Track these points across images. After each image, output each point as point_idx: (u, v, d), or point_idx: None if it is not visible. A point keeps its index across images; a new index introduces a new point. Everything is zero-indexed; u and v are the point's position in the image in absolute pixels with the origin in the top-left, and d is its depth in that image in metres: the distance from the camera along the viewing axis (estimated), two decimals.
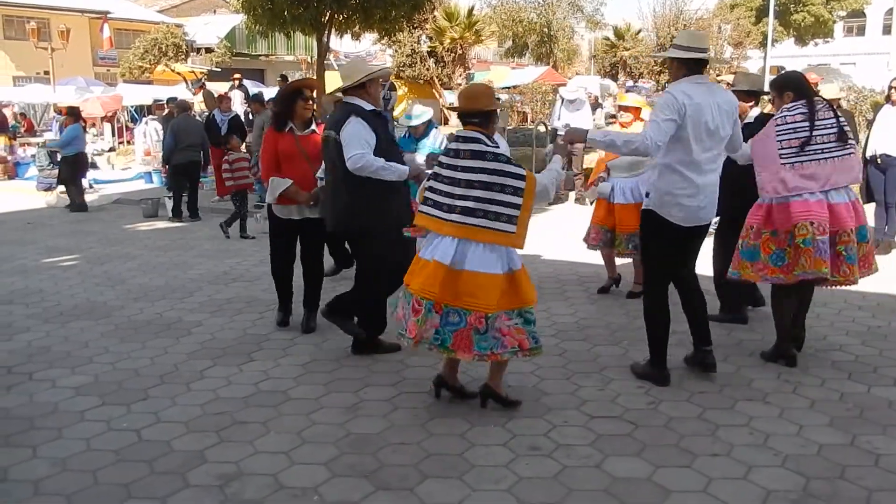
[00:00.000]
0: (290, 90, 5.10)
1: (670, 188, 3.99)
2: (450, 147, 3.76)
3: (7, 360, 4.68)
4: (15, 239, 8.98)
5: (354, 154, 4.20)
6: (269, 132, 5.04)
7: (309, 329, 5.14)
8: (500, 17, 30.36)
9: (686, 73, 4.01)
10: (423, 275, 3.62)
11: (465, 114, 3.76)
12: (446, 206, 3.62)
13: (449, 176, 3.65)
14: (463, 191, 3.58)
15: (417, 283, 3.63)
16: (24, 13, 29.65)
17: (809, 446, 3.43)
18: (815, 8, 35.15)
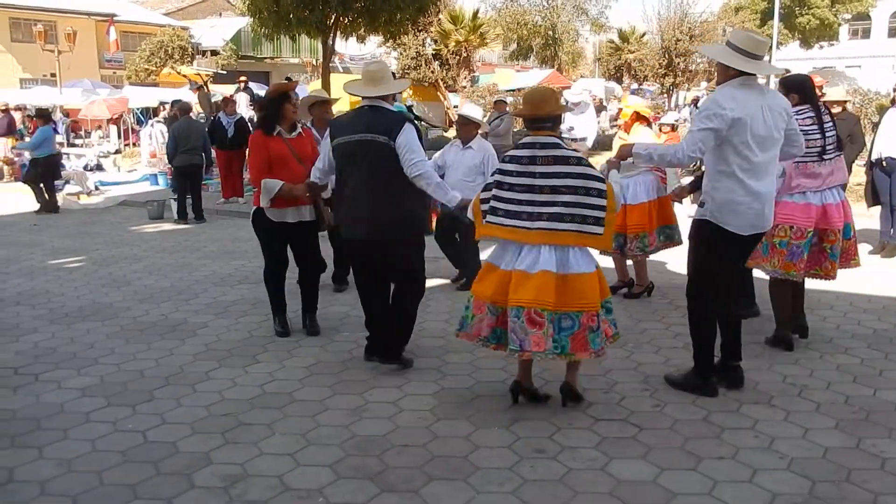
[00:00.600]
0: (277, 93, 5.01)
1: (726, 195, 3.81)
2: (518, 154, 3.67)
3: (13, 361, 4.70)
4: (21, 240, 9.02)
5: (420, 160, 4.15)
6: (257, 136, 4.91)
7: (314, 332, 5.13)
8: (504, 19, 30.37)
9: (736, 74, 3.79)
10: (530, 287, 3.56)
11: (538, 119, 3.70)
12: (527, 214, 3.60)
13: (524, 184, 3.61)
14: (548, 197, 3.57)
15: (528, 296, 3.56)
16: (31, 16, 29.80)
17: (815, 449, 3.43)
18: (819, 11, 35.10)
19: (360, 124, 4.24)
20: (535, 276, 3.57)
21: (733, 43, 3.81)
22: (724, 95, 3.76)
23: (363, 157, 4.20)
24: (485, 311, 3.74)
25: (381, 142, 4.16)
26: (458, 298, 6.09)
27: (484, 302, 3.74)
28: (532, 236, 3.60)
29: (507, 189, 3.67)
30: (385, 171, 4.17)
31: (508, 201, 3.66)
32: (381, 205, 4.21)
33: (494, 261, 3.78)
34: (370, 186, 4.21)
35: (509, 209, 3.65)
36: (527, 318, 3.55)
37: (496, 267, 3.75)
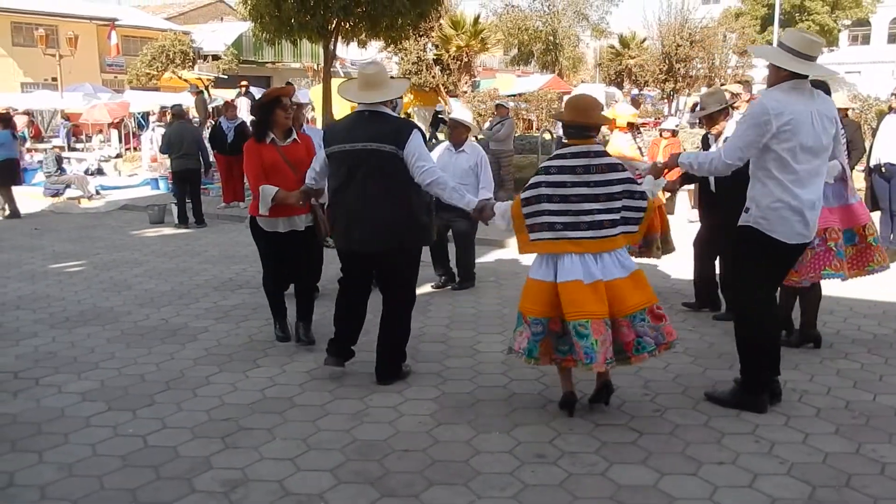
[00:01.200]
0: (268, 99, 4.87)
1: (771, 202, 3.69)
2: (569, 164, 3.60)
3: (14, 365, 4.71)
4: (22, 244, 9.03)
5: (431, 167, 4.07)
6: (250, 144, 4.80)
7: (310, 341, 5.00)
8: (505, 25, 30.45)
9: (787, 76, 3.66)
10: (634, 290, 3.59)
11: (588, 127, 3.67)
12: (587, 223, 3.58)
13: (580, 193, 3.57)
14: (604, 204, 3.59)
15: (640, 299, 3.59)
16: (32, 20, 29.89)
17: (815, 454, 3.43)
18: (819, 17, 35.23)
19: (361, 132, 4.09)
20: (631, 278, 3.64)
21: (785, 43, 3.70)
22: (770, 99, 3.63)
23: (367, 166, 4.06)
24: (605, 329, 3.56)
25: (386, 151, 4.03)
26: (459, 303, 6.10)
27: (602, 319, 3.56)
28: (593, 245, 3.60)
29: (560, 200, 3.59)
30: (391, 179, 4.06)
31: (565, 213, 3.59)
32: (387, 214, 4.09)
33: (543, 276, 3.68)
34: (375, 196, 4.07)
35: (568, 221, 3.59)
36: (651, 316, 3.63)
37: (543, 281, 3.66)
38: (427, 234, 4.38)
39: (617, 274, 3.63)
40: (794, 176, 3.67)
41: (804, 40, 3.67)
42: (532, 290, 3.72)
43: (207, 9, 41.13)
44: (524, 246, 3.75)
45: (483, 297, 6.35)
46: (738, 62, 26.78)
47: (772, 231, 3.73)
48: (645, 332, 3.63)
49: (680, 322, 5.37)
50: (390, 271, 4.29)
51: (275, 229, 4.87)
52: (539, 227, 3.65)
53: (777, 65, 3.68)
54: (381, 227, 4.10)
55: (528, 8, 31.40)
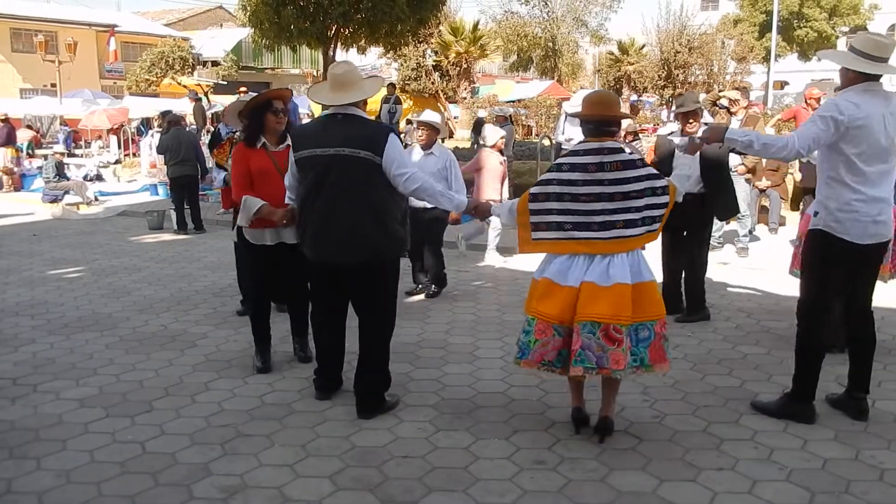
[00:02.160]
0: (259, 102, 4.51)
1: (841, 204, 3.65)
2: (581, 162, 3.43)
3: (12, 371, 4.70)
4: (21, 250, 9.02)
5: (413, 172, 3.82)
6: (239, 148, 4.53)
7: (307, 357, 4.74)
8: (504, 31, 30.56)
9: (857, 79, 3.65)
10: (606, 300, 3.36)
11: (607, 122, 3.50)
12: (598, 224, 3.40)
13: (592, 192, 3.39)
14: (619, 204, 3.40)
15: (604, 311, 3.35)
16: (31, 26, 29.95)
17: (814, 460, 3.42)
18: (817, 24, 35.30)
19: (332, 137, 3.80)
20: (610, 290, 3.38)
21: (855, 47, 3.67)
22: (844, 100, 3.62)
23: (339, 173, 3.77)
24: (551, 333, 3.45)
25: (361, 157, 3.74)
26: (458, 309, 6.10)
27: (550, 323, 3.45)
28: (604, 246, 3.42)
29: (570, 199, 3.43)
30: (365, 187, 3.78)
31: (574, 212, 3.42)
32: (358, 224, 3.79)
33: (555, 277, 3.48)
34: (347, 204, 3.79)
35: (577, 220, 3.42)
36: (603, 334, 3.36)
37: (557, 284, 3.46)
38: (402, 245, 4.00)
39: (595, 279, 3.40)
40: (863, 177, 3.63)
41: (872, 42, 3.64)
42: (542, 291, 3.55)
43: (207, 15, 41.23)
44: (524, 244, 3.58)
45: (482, 303, 6.35)
46: (736, 68, 26.87)
47: (843, 233, 3.67)
48: (590, 346, 3.38)
49: (678, 328, 5.37)
50: (363, 287, 3.95)
51: (262, 242, 4.52)
52: (545, 226, 3.48)
53: (847, 66, 3.67)
54: (352, 238, 3.81)
55: (527, 14, 31.54)
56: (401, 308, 6.09)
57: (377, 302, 3.98)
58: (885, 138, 3.62)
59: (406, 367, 4.69)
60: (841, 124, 3.56)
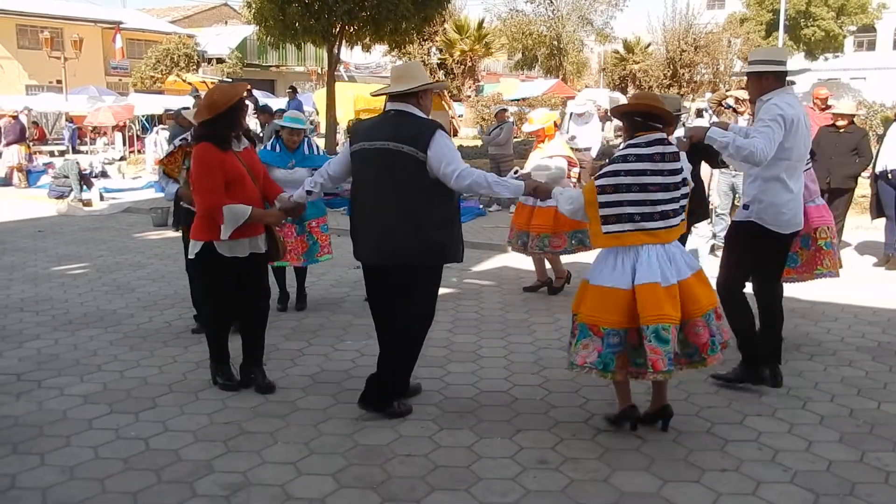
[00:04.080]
0: (237, 99, 4.03)
1: (774, 198, 4.06)
2: (646, 153, 3.48)
3: (16, 367, 4.71)
4: (26, 247, 9.04)
5: (462, 168, 3.65)
6: (208, 151, 3.97)
7: (266, 388, 4.26)
8: (509, 29, 30.53)
9: (776, 85, 4.08)
10: (669, 302, 3.40)
11: (658, 115, 3.57)
12: (660, 213, 3.46)
13: (657, 182, 3.45)
14: (671, 194, 3.50)
15: (668, 311, 3.39)
16: (37, 23, 30.02)
17: (819, 462, 3.41)
18: (825, 23, 35.20)
19: (383, 130, 3.73)
20: (696, 277, 3.56)
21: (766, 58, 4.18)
22: (783, 102, 3.98)
23: (382, 168, 3.68)
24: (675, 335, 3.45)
25: (406, 152, 3.63)
26: (462, 308, 6.09)
27: (615, 329, 3.46)
28: (665, 235, 3.49)
29: (639, 190, 3.44)
30: (407, 185, 3.65)
31: (643, 203, 3.44)
32: (396, 224, 3.67)
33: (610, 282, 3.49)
34: (386, 202, 3.69)
35: (645, 211, 3.44)
36: (716, 315, 3.59)
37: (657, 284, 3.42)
38: (441, 251, 3.78)
39: (687, 273, 3.53)
40: (795, 176, 4.12)
41: (778, 51, 4.31)
42: (604, 298, 3.48)
43: (212, 12, 41.27)
44: (595, 238, 3.56)
45: (485, 301, 6.34)
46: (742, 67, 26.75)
47: (773, 224, 4.09)
48: (714, 331, 3.55)
49: None
50: (394, 291, 3.83)
51: (235, 254, 4.09)
52: (616, 218, 3.46)
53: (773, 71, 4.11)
54: (384, 239, 3.71)
55: (532, 13, 31.49)
56: None
57: (406, 308, 3.84)
58: (807, 136, 4.13)
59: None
60: (787, 121, 3.92)
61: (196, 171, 4.00)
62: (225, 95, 4.01)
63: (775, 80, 4.09)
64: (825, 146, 7.50)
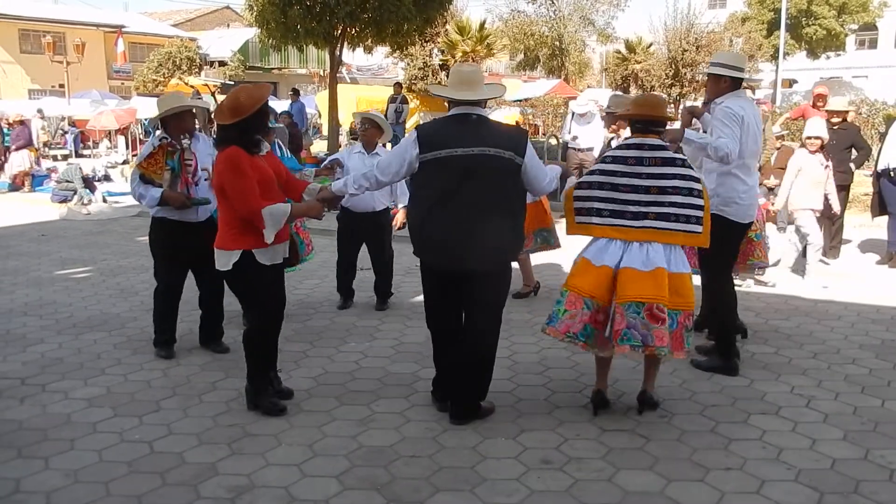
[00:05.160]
0: (262, 101, 3.86)
1: (730, 192, 4.43)
2: (623, 155, 3.76)
3: (20, 371, 4.72)
4: (29, 251, 9.06)
5: (551, 175, 3.87)
6: (239, 155, 3.77)
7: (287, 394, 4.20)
8: (511, 30, 30.49)
9: (731, 88, 4.45)
10: (648, 283, 3.62)
11: (649, 122, 3.78)
12: (632, 213, 3.72)
13: (630, 184, 3.71)
14: (654, 197, 3.69)
15: (648, 292, 3.61)
16: (40, 27, 30.11)
17: (823, 460, 3.41)
18: (826, 21, 35.10)
19: (473, 136, 3.65)
20: (651, 273, 3.65)
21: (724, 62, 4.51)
22: (736, 105, 4.37)
23: (481, 174, 3.62)
24: (580, 305, 3.72)
25: (505, 158, 3.64)
26: None
27: (581, 296, 3.74)
28: (637, 234, 3.72)
29: (610, 189, 3.75)
30: (504, 189, 3.68)
31: (612, 201, 3.75)
32: (497, 228, 3.67)
33: (592, 258, 3.80)
34: (487, 206, 3.64)
35: (614, 209, 3.75)
36: (648, 313, 3.61)
37: (592, 263, 3.78)
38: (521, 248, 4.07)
39: (636, 266, 3.66)
40: (748, 170, 4.50)
41: (738, 57, 4.65)
42: (579, 269, 3.87)
43: (214, 15, 41.35)
44: (570, 227, 3.94)
45: None
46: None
47: (732, 215, 4.46)
48: (635, 325, 3.61)
49: None
50: (486, 292, 3.79)
51: (275, 261, 3.96)
52: (586, 211, 3.82)
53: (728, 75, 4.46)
54: (490, 243, 3.68)
55: (533, 13, 31.45)
56: (408, 308, 6.11)
57: (497, 307, 3.88)
58: (759, 134, 4.52)
59: (413, 367, 4.69)
60: (742, 120, 4.32)
61: (228, 176, 3.75)
62: (251, 98, 3.81)
63: (732, 84, 4.44)
64: None
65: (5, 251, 8.93)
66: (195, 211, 4.83)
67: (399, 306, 6.19)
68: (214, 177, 3.91)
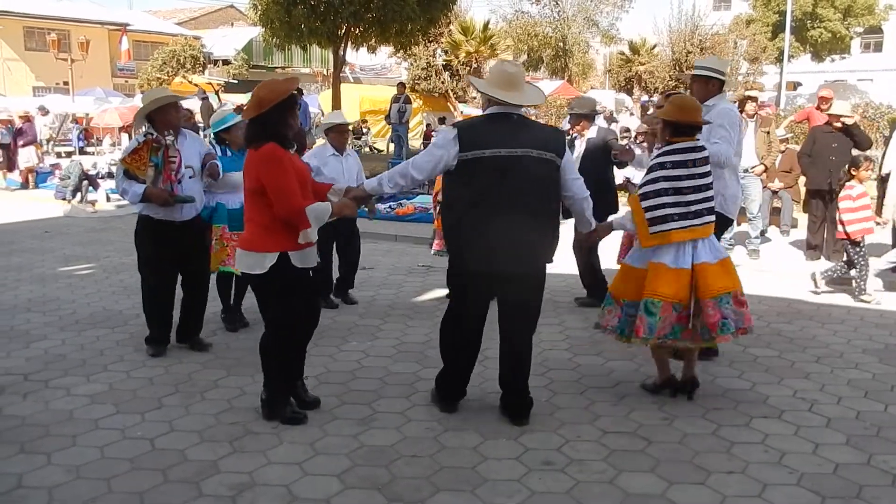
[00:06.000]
0: (286, 94, 3.64)
1: (733, 192, 4.76)
2: (682, 159, 3.92)
3: (24, 367, 4.73)
4: (33, 247, 9.08)
5: (582, 180, 3.87)
6: (278, 151, 3.61)
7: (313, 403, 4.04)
8: (515, 31, 30.50)
9: (718, 91, 4.75)
10: (724, 275, 3.93)
11: (690, 126, 3.99)
12: (694, 212, 3.91)
13: (692, 185, 3.91)
14: (703, 194, 3.95)
15: (729, 283, 3.93)
16: (44, 24, 30.17)
17: (825, 465, 3.40)
18: (831, 24, 35.03)
19: (517, 136, 3.61)
20: (722, 264, 3.96)
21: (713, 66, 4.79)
22: (730, 106, 4.75)
23: (524, 175, 3.58)
24: (670, 311, 3.88)
25: (547, 159, 3.63)
26: None
27: (670, 302, 3.89)
28: (701, 231, 3.93)
29: (674, 193, 3.89)
30: (548, 192, 3.69)
31: (678, 204, 3.89)
32: (540, 229, 3.67)
33: (671, 262, 3.91)
34: (532, 208, 3.62)
35: (682, 211, 3.90)
36: (734, 300, 3.92)
37: (671, 267, 3.90)
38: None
39: (706, 259, 3.92)
40: (735, 167, 4.82)
41: (721, 62, 5.06)
42: (626, 275, 4.09)
43: (218, 14, 41.41)
44: (645, 240, 3.97)
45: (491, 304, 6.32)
46: (748, 69, 26.71)
47: (730, 212, 4.80)
48: (728, 314, 3.87)
49: None
50: (527, 294, 3.77)
51: (307, 264, 3.81)
52: (660, 220, 3.90)
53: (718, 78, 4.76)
54: (535, 245, 3.67)
55: (537, 14, 31.47)
56: (409, 308, 6.12)
57: (537, 311, 3.89)
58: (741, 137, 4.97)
59: (414, 367, 4.69)
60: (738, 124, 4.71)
61: (268, 173, 3.54)
62: (272, 92, 3.62)
63: (719, 87, 4.76)
64: (822, 147, 7.49)
65: (9, 247, 8.95)
66: (179, 210, 4.74)
67: (400, 306, 6.19)
68: (249, 176, 3.66)
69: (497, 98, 3.67)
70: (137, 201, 4.70)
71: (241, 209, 5.16)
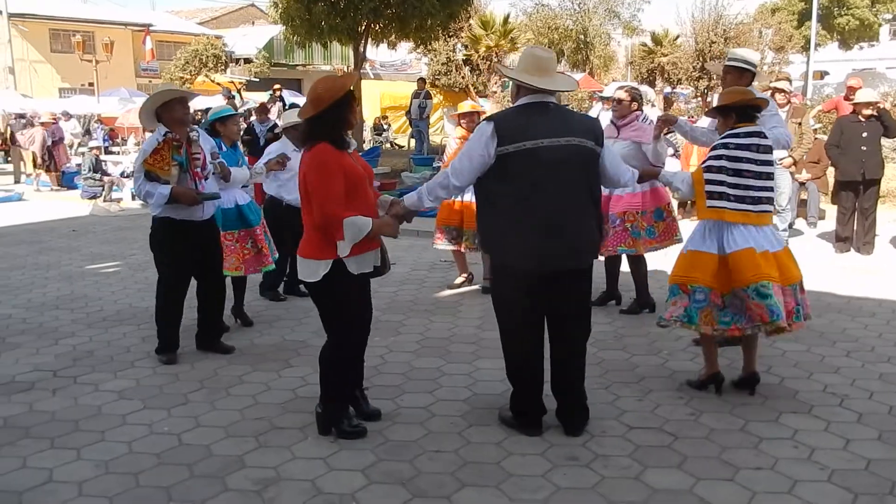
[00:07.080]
0: (345, 90, 3.47)
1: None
2: (747, 143, 3.90)
3: (53, 363, 4.79)
4: (61, 246, 9.21)
5: (626, 165, 3.85)
6: (326, 154, 3.41)
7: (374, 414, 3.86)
8: (535, 24, 30.35)
9: (750, 83, 4.65)
10: (791, 262, 3.98)
11: (751, 107, 4.00)
12: (751, 198, 3.89)
13: (752, 170, 3.89)
14: (763, 182, 3.92)
15: (795, 272, 3.95)
16: (69, 27, 30.54)
17: (857, 461, 3.34)
18: (859, 11, 34.46)
19: (558, 125, 3.44)
20: (785, 252, 3.98)
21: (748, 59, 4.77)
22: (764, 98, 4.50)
23: (570, 165, 3.41)
24: (780, 292, 3.85)
25: (591, 148, 3.48)
26: (489, 304, 6.04)
27: (720, 294, 3.91)
28: (756, 218, 3.90)
29: (734, 174, 3.87)
30: (592, 182, 3.54)
31: (737, 186, 3.88)
32: (588, 221, 3.52)
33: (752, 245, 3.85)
34: (579, 199, 3.47)
35: (738, 194, 3.88)
36: (801, 289, 3.98)
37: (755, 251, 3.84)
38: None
39: (777, 247, 3.94)
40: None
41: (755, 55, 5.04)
42: (696, 261, 3.96)
43: (239, 13, 41.65)
44: (702, 212, 4.00)
45: None
46: (774, 59, 26.30)
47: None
48: (799, 302, 3.93)
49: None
50: (578, 293, 3.60)
51: (363, 270, 3.56)
52: (718, 195, 3.90)
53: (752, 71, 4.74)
54: (585, 237, 3.51)
55: (558, 6, 31.27)
56: (432, 304, 6.11)
57: (589, 307, 3.74)
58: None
59: (438, 362, 4.68)
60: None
61: (312, 176, 3.39)
62: (330, 90, 3.42)
63: (751, 80, 4.71)
64: (851, 137, 7.33)
65: (38, 246, 9.09)
66: (201, 209, 4.67)
67: (423, 301, 6.19)
68: (300, 177, 3.51)
69: (530, 84, 3.47)
70: (163, 203, 4.53)
71: (235, 209, 5.35)
